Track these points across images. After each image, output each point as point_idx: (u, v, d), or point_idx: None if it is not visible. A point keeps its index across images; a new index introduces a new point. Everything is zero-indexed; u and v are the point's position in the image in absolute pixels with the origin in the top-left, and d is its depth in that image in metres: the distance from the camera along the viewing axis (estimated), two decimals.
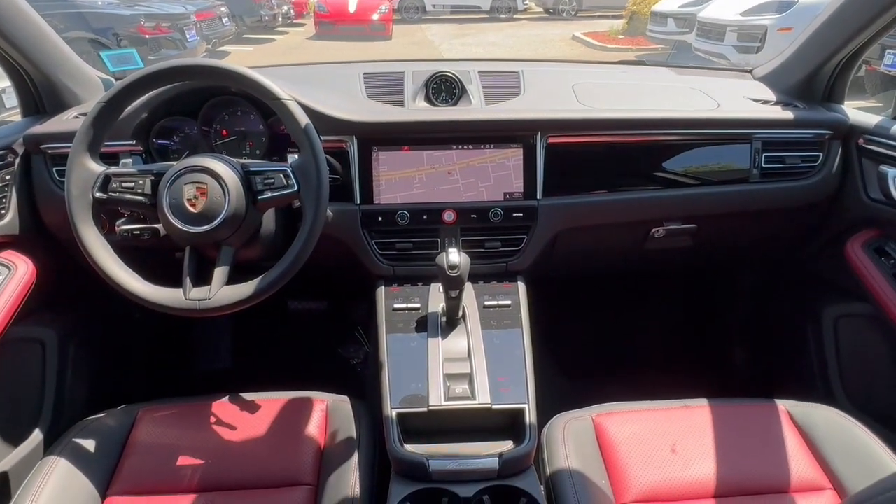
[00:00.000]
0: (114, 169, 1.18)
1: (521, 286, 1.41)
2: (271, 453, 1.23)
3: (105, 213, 1.21)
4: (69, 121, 1.42)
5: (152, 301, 1.15)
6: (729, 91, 1.57)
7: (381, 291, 1.40)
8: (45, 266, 1.36)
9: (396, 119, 1.38)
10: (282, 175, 1.18)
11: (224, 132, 1.44)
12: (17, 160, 1.34)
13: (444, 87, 1.48)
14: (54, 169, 1.38)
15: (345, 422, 1.28)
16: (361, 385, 1.81)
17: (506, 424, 1.15)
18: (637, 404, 1.28)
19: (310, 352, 1.87)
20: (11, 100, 5.68)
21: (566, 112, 1.41)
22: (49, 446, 1.43)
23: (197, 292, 1.16)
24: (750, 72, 1.75)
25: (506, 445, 1.12)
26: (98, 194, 1.16)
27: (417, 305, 1.35)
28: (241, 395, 1.37)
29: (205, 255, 1.21)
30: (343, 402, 1.33)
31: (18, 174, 1.35)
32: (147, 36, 7.21)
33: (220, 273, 1.17)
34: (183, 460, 1.22)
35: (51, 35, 1.37)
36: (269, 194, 1.19)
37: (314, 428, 1.28)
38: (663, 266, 1.63)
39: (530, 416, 1.13)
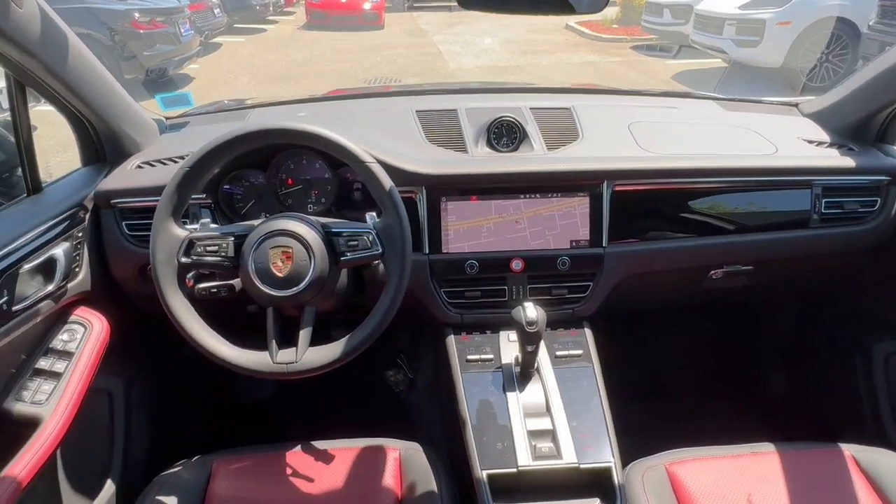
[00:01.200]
0: (197, 233, 1.18)
1: (589, 333, 1.43)
2: None
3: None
4: (133, 171, 1.41)
5: (240, 366, 1.16)
6: (782, 131, 1.59)
7: (452, 341, 1.42)
8: (114, 320, 1.36)
9: (466, 171, 1.38)
10: (366, 237, 1.18)
11: (290, 181, 1.44)
12: (88, 216, 1.33)
13: (504, 131, 1.49)
14: (124, 223, 1.37)
15: (421, 473, 1.30)
16: (410, 420, 1.83)
17: (591, 480, 1.18)
18: (706, 450, 1.31)
19: (355, 380, 1.88)
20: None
21: (633, 162, 1.42)
22: (122, 499, 1.45)
23: (284, 355, 1.17)
24: (796, 106, 1.77)
25: (592, 503, 1.15)
26: (183, 259, 1.16)
27: (491, 356, 1.37)
28: (313, 443, 1.38)
29: (284, 313, 1.22)
30: (416, 452, 1.35)
31: (89, 230, 1.34)
32: (141, 31, 7.08)
33: (304, 335, 1.18)
34: None
35: (115, 86, 1.36)
36: (352, 255, 1.19)
37: (390, 478, 1.30)
38: (715, 303, 1.66)
39: (618, 476, 1.15)
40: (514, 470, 1.16)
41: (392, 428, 1.46)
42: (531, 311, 1.24)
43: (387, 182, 1.18)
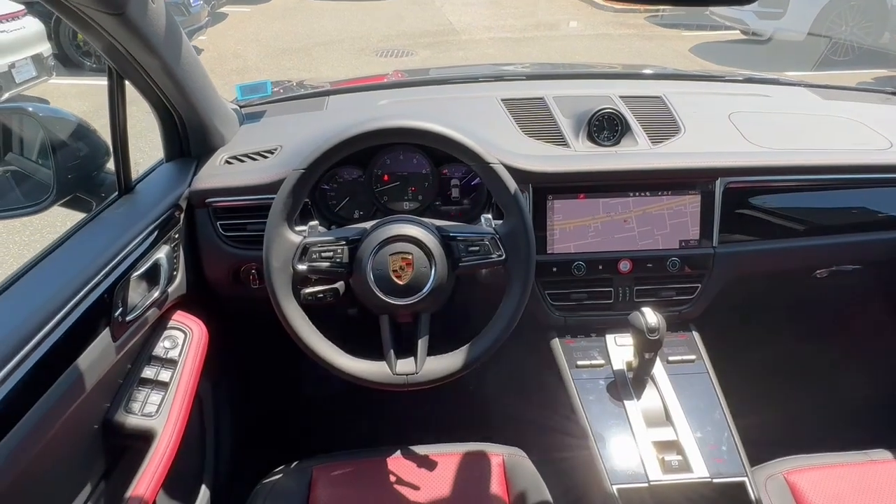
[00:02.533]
0: (310, 238, 1.12)
1: (697, 336, 1.39)
2: None
3: None
4: (222, 167, 1.34)
5: (360, 377, 1.12)
6: (892, 123, 1.52)
7: (557, 345, 1.37)
8: (207, 323, 1.30)
9: (576, 169, 1.32)
10: (488, 242, 1.13)
11: (386, 177, 1.37)
12: (182, 216, 1.27)
13: (605, 124, 1.42)
14: (218, 223, 1.31)
15: (530, 481, 1.26)
16: (492, 422, 1.79)
17: (723, 494, 1.14)
18: (822, 458, 1.28)
19: None
20: (21, 75, 5.46)
21: (748, 158, 1.36)
22: (218, 502, 1.41)
23: (403, 365, 1.12)
24: (894, 93, 1.70)
25: None
26: (299, 266, 1.10)
27: (601, 362, 1.33)
28: (412, 448, 1.35)
29: (396, 320, 1.17)
30: (521, 458, 1.31)
31: (184, 231, 1.27)
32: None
33: (423, 344, 1.14)
34: None
35: (208, 77, 1.28)
36: (472, 261, 1.14)
37: (496, 486, 1.26)
38: (819, 302, 1.62)
39: (753, 492, 1.12)
40: (646, 485, 1.12)
41: (475, 428, 1.42)
42: (651, 316, 1.19)
43: (511, 185, 1.12)
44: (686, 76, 1.88)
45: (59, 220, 1.35)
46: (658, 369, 1.30)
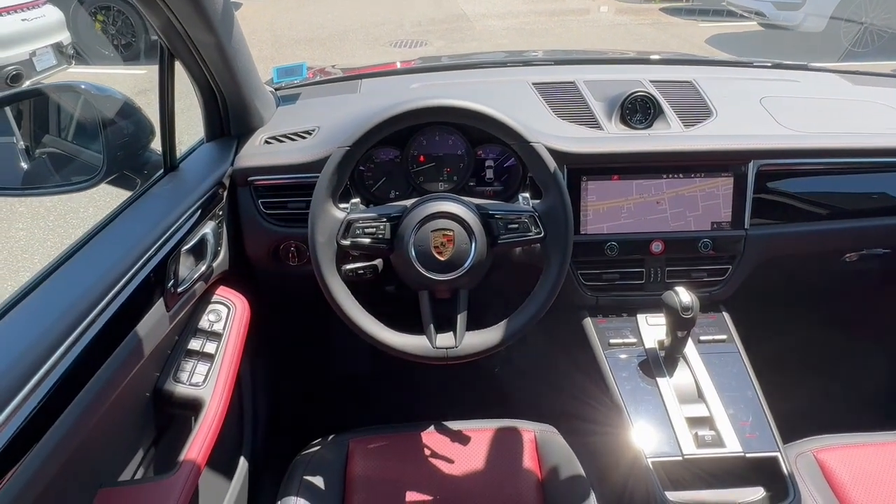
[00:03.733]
0: (354, 214, 1.15)
1: (727, 316, 1.40)
2: (492, 488, 1.24)
3: None
4: (262, 147, 1.37)
5: (401, 350, 1.14)
6: None
7: (589, 323, 1.39)
8: (250, 298, 1.34)
9: (611, 150, 1.34)
10: (527, 220, 1.15)
11: (422, 158, 1.39)
12: (225, 193, 1.30)
13: (638, 107, 1.43)
14: (260, 201, 1.34)
15: (562, 456, 1.29)
16: (518, 400, 1.82)
17: (755, 469, 1.17)
18: (851, 437, 1.30)
19: None
20: (42, 63, 5.50)
21: (781, 141, 1.37)
22: (253, 477, 1.45)
23: (443, 339, 1.15)
24: None
25: (757, 492, 1.14)
26: (343, 241, 1.13)
27: (633, 340, 1.35)
28: (445, 423, 1.38)
29: (435, 296, 1.20)
30: (552, 434, 1.34)
31: (227, 208, 1.31)
32: None
33: (462, 319, 1.16)
34: (410, 496, 1.24)
35: (251, 56, 1.31)
36: (510, 238, 1.16)
37: (529, 460, 1.29)
38: (848, 284, 1.63)
39: (786, 465, 1.14)
40: (680, 458, 1.14)
41: (507, 405, 1.45)
42: (685, 296, 1.21)
43: (551, 163, 1.14)
44: (715, 62, 1.89)
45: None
46: (689, 349, 1.32)
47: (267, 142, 1.39)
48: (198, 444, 1.07)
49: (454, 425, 1.37)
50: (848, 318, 1.77)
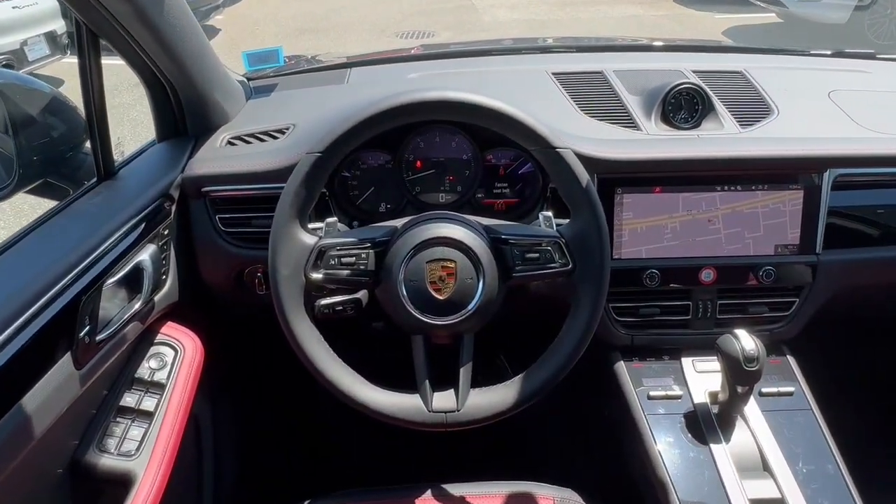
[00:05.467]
0: (328, 239, 0.90)
1: (793, 362, 1.14)
2: None
3: None
4: (223, 149, 1.12)
5: (388, 414, 0.90)
6: None
7: (622, 368, 1.14)
8: (205, 335, 1.09)
9: (653, 156, 1.08)
10: (550, 247, 0.89)
11: (419, 164, 1.14)
12: (174, 208, 1.05)
13: (683, 103, 1.18)
14: (217, 217, 1.08)
15: None
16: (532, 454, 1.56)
17: None
18: None
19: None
20: (34, 53, 5.29)
21: (865, 145, 1.11)
22: None
23: (441, 399, 0.90)
24: None
25: None
26: (313, 275, 0.88)
27: (679, 393, 1.09)
28: (445, 486, 1.13)
29: (432, 341, 0.94)
30: (575, 502, 1.08)
31: (175, 226, 1.06)
32: None
33: (465, 373, 0.91)
34: None
35: (206, 41, 1.05)
36: (529, 271, 0.91)
37: None
38: None
39: None
40: None
41: (518, 462, 1.20)
42: (748, 341, 0.95)
43: (583, 175, 0.89)
44: (765, 50, 1.62)
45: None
46: (751, 405, 1.06)
47: (230, 142, 1.14)
48: None
49: (457, 489, 1.12)
50: None
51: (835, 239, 1.13)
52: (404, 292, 0.88)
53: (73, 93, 1.01)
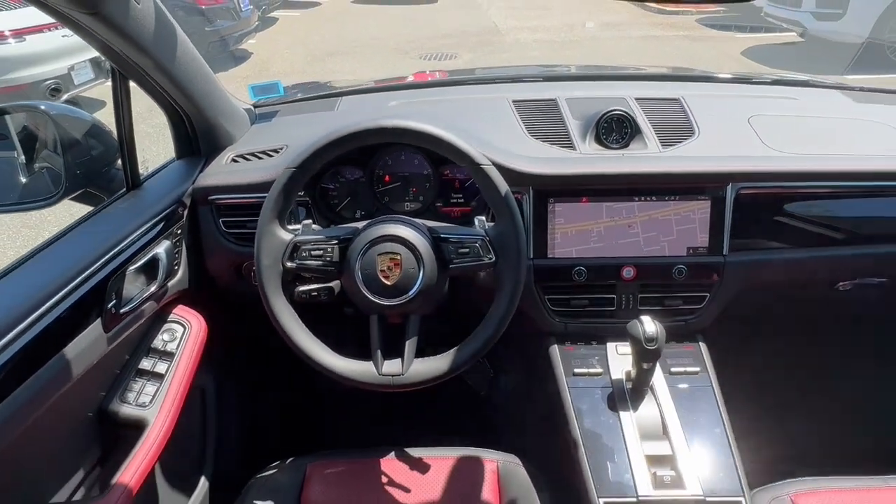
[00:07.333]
0: (301, 236, 1.13)
1: (703, 347, 1.33)
2: None
3: None
4: (228, 166, 1.37)
5: (345, 376, 1.12)
6: None
7: (556, 351, 1.34)
8: (209, 317, 1.33)
9: (578, 171, 1.29)
10: (478, 245, 1.11)
11: (387, 178, 1.37)
12: (186, 212, 1.30)
13: (614, 126, 1.38)
14: (221, 220, 1.33)
15: (523, 489, 1.24)
16: (497, 427, 1.77)
17: None
18: (834, 481, 1.20)
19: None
20: (80, 77, 5.69)
21: (761, 163, 1.29)
22: (215, 499, 1.44)
23: (389, 366, 1.12)
24: None
25: None
26: (288, 263, 1.11)
27: (599, 370, 1.29)
28: (407, 450, 1.34)
29: (387, 321, 1.16)
30: (515, 465, 1.28)
31: (187, 227, 1.31)
32: (203, 6, 7.13)
33: (410, 345, 1.13)
34: None
35: (214, 78, 1.31)
36: (462, 263, 1.13)
37: (489, 493, 1.24)
38: (840, 316, 1.53)
39: None
40: (634, 500, 1.08)
41: (478, 433, 1.40)
42: (650, 325, 1.14)
43: (503, 186, 1.10)
44: (711, 78, 1.81)
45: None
46: (659, 380, 1.25)
47: (234, 160, 1.39)
48: (133, 466, 1.06)
49: (416, 452, 1.33)
50: (839, 352, 1.66)
51: (742, 242, 1.31)
52: (360, 278, 1.11)
53: (110, 116, 1.26)
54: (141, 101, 1.21)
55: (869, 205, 1.34)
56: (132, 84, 1.18)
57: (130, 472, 1.04)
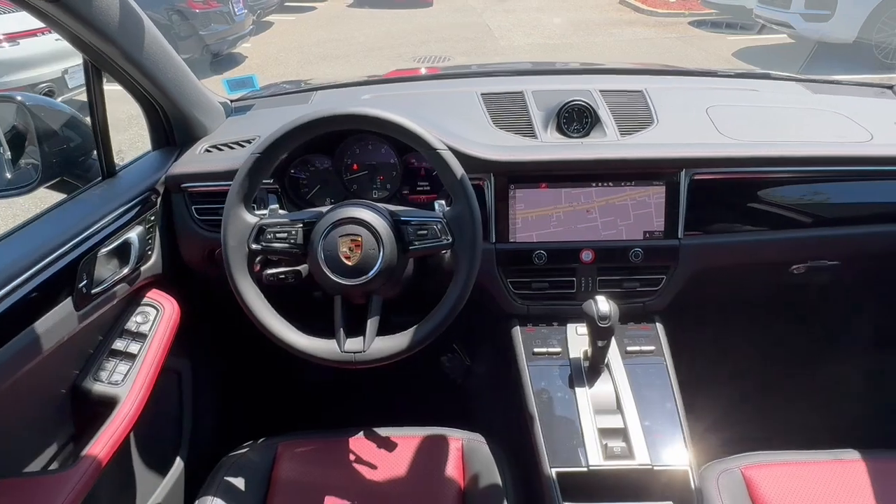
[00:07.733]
0: (267, 219, 1.18)
1: (660, 328, 1.38)
2: (413, 495, 1.24)
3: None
4: (201, 155, 1.42)
5: (308, 353, 1.16)
6: (878, 116, 1.48)
7: (517, 332, 1.39)
8: (184, 302, 1.38)
9: (536, 158, 1.33)
10: (435, 226, 1.16)
11: (355, 166, 1.42)
12: (159, 200, 1.35)
13: (575, 116, 1.43)
14: (193, 207, 1.38)
15: (484, 465, 1.28)
16: (469, 409, 1.82)
17: (664, 483, 1.14)
18: (785, 455, 1.25)
19: (412, 365, 1.87)
20: (74, 80, 5.73)
21: (713, 149, 1.34)
22: (189, 477, 1.48)
23: (351, 344, 1.16)
24: (891, 88, 1.64)
25: None
26: (253, 245, 1.16)
27: (558, 350, 1.34)
28: (375, 430, 1.38)
29: (351, 302, 1.21)
30: (479, 443, 1.33)
31: (160, 213, 1.35)
32: (197, 10, 7.19)
33: (372, 324, 1.17)
34: (329, 501, 1.25)
35: (186, 71, 1.36)
36: (421, 245, 1.17)
37: (453, 469, 1.28)
38: (794, 298, 1.58)
39: (694, 480, 1.11)
40: (585, 469, 1.12)
41: (450, 415, 1.44)
42: (603, 304, 1.19)
43: (458, 170, 1.15)
44: (677, 72, 1.86)
45: None
46: (615, 359, 1.30)
47: (207, 150, 1.43)
48: (104, 439, 1.10)
49: (384, 432, 1.38)
50: (792, 331, 1.71)
51: (697, 226, 1.36)
52: (323, 259, 1.15)
53: (113, 115, 1.29)
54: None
55: (820, 189, 1.38)
56: None
57: (101, 445, 1.08)
